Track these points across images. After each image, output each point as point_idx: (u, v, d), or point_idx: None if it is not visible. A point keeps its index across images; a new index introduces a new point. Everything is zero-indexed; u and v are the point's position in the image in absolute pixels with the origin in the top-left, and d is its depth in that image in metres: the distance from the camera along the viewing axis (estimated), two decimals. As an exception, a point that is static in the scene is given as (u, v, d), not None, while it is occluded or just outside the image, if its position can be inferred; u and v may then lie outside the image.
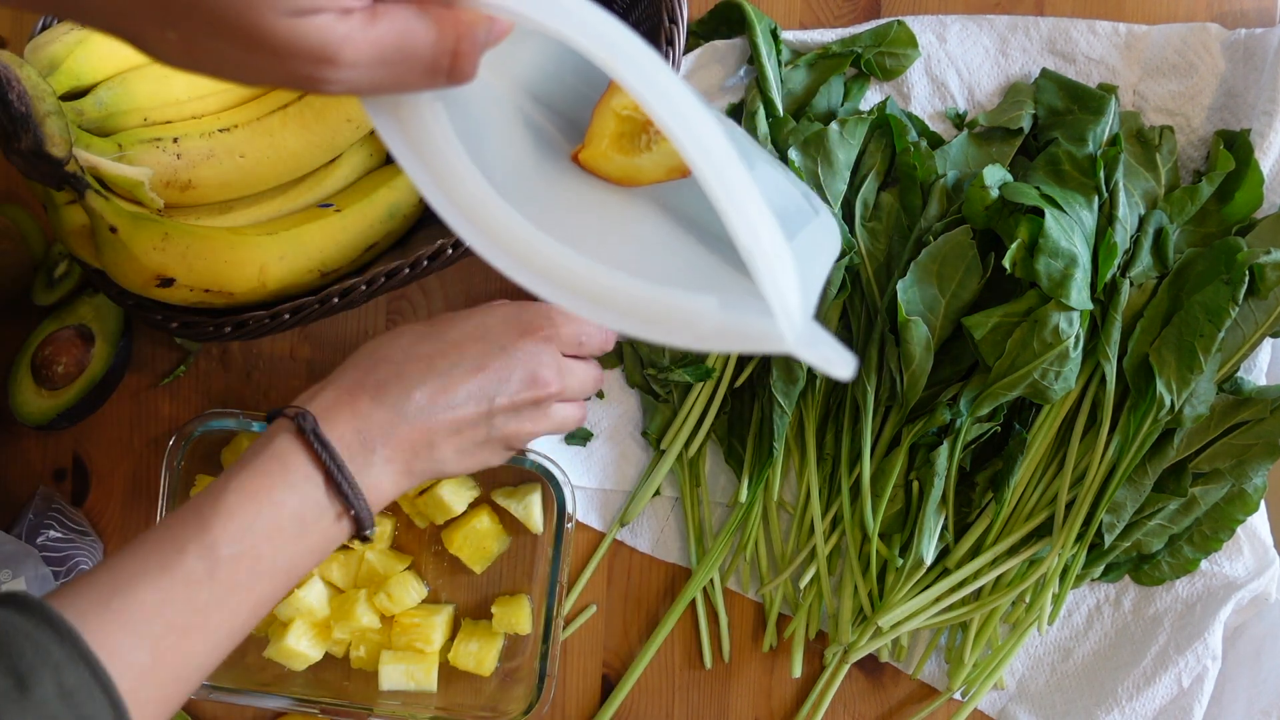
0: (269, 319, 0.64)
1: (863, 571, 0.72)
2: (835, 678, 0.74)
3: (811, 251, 0.49)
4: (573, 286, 0.41)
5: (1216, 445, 0.70)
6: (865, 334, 0.71)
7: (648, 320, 0.40)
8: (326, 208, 0.67)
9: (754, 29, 0.73)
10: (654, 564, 0.76)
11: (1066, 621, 0.75)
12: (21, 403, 0.72)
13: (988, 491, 0.71)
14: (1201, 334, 0.67)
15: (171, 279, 0.61)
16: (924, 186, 0.71)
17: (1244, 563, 0.74)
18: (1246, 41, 0.74)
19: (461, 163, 0.41)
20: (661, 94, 0.36)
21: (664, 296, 0.40)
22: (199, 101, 0.64)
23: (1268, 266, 0.67)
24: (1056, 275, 0.65)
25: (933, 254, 0.68)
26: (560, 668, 0.76)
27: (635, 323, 0.41)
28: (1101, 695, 0.73)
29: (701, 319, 0.40)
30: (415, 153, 0.41)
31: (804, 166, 0.70)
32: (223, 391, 0.76)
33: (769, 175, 0.55)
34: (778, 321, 0.38)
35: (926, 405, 0.70)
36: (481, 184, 0.41)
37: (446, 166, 0.41)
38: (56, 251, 0.75)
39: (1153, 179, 0.72)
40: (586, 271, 0.41)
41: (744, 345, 0.40)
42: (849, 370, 0.38)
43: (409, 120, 0.41)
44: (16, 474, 0.76)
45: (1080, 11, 0.77)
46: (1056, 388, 0.67)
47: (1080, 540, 0.70)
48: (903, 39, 0.75)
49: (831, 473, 0.73)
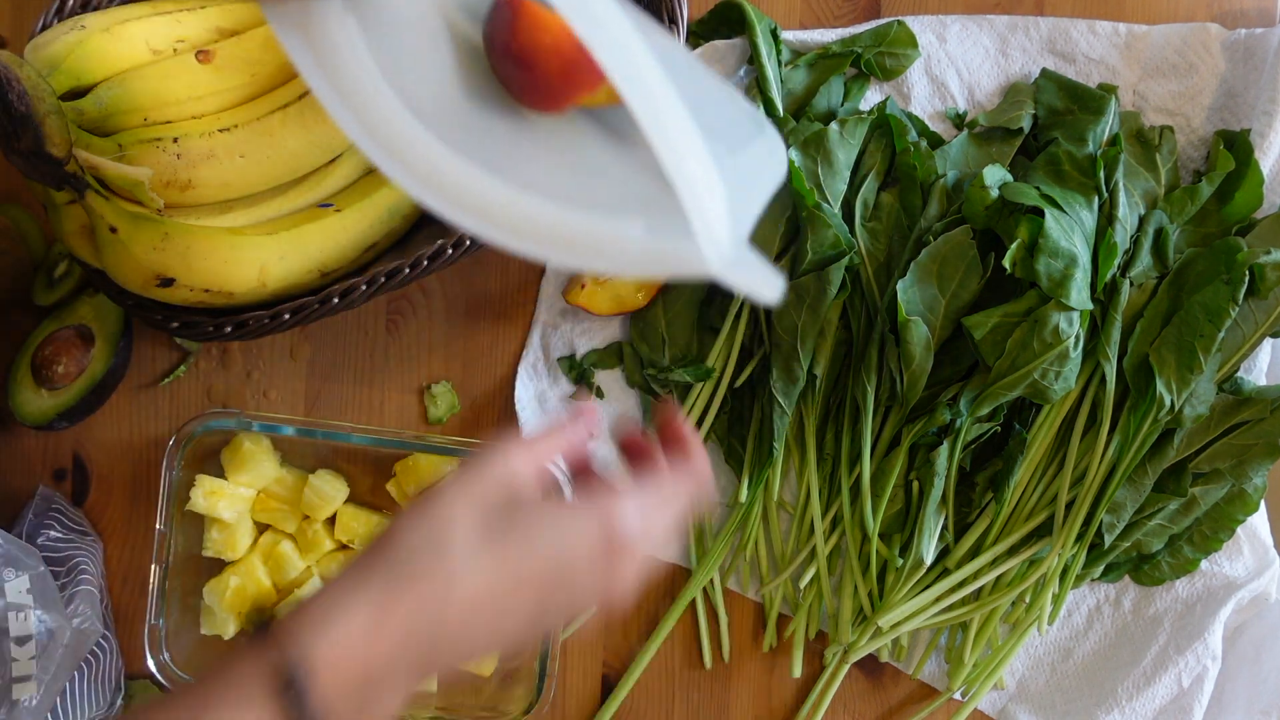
0: (269, 319, 0.64)
1: (863, 571, 0.72)
2: (835, 678, 0.74)
3: (748, 173, 0.46)
4: (487, 212, 0.39)
5: (1216, 445, 0.70)
6: (865, 334, 0.71)
7: (570, 247, 0.39)
8: (326, 208, 0.67)
9: (754, 29, 0.73)
10: (654, 564, 0.76)
11: (1066, 621, 0.75)
12: (21, 403, 0.72)
13: (988, 491, 0.71)
14: (1201, 334, 0.67)
15: (171, 279, 0.61)
16: (924, 186, 0.71)
17: (1244, 563, 0.74)
18: (1246, 41, 0.74)
19: (370, 78, 0.39)
20: (584, 12, 0.35)
21: (585, 222, 0.39)
22: (199, 101, 0.64)
23: (1268, 266, 0.67)
24: (1056, 275, 0.65)
25: (933, 254, 0.68)
26: (560, 668, 0.76)
27: (556, 249, 0.39)
28: (1101, 695, 0.73)
29: (625, 244, 0.39)
30: (320, 67, 0.39)
31: (804, 166, 0.70)
32: (223, 391, 0.76)
33: (708, 93, 0.52)
34: (701, 245, 0.37)
35: (926, 405, 0.70)
36: (391, 102, 0.39)
37: (353, 81, 0.39)
38: (56, 251, 0.75)
39: (1153, 179, 0.72)
40: (503, 197, 0.39)
41: (668, 269, 0.38)
42: (775, 293, 0.37)
43: (315, 32, 0.39)
44: (16, 474, 0.76)
45: (1080, 11, 0.77)
46: (1056, 388, 0.67)
47: (1080, 540, 0.70)
48: (902, 39, 0.75)
49: (831, 473, 0.73)
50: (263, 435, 0.72)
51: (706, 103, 0.48)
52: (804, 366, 0.70)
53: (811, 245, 0.69)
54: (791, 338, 0.70)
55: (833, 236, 0.69)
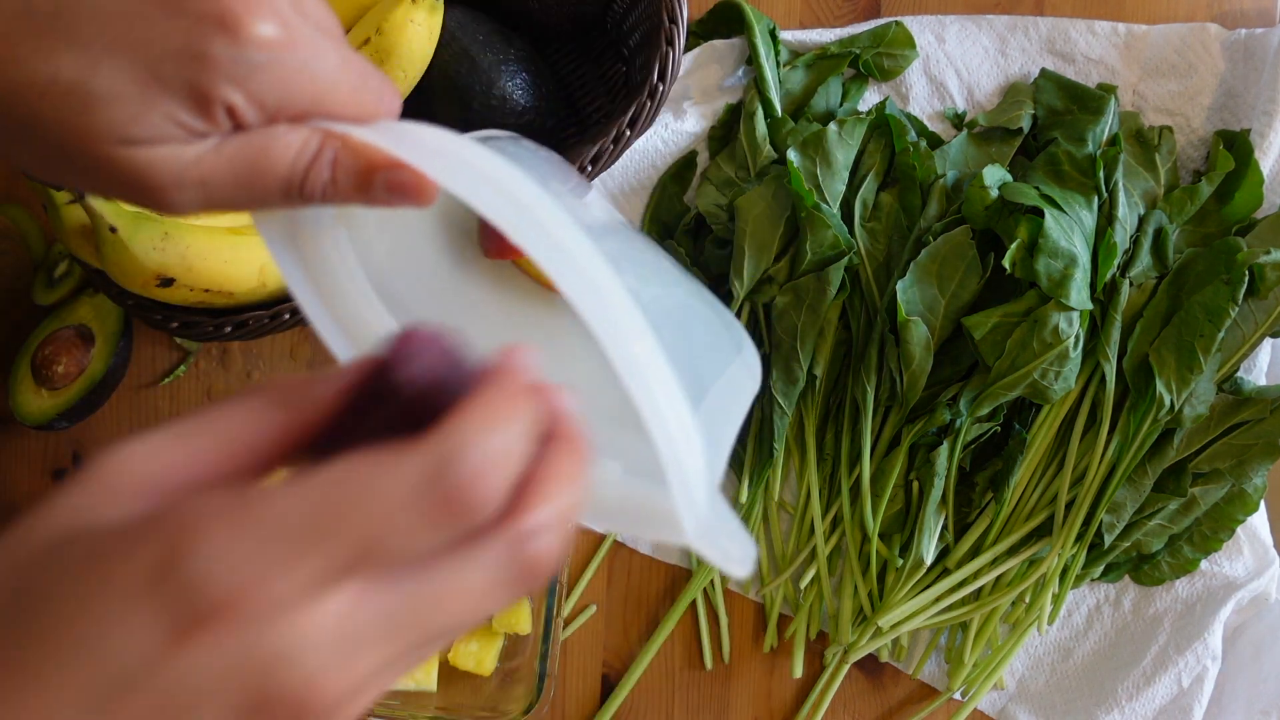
0: (269, 319, 0.64)
1: (863, 572, 0.72)
2: (835, 678, 0.74)
3: (725, 407, 0.42)
4: None
5: (1216, 445, 0.70)
6: (865, 334, 0.71)
7: None
8: (326, 208, 0.67)
9: (752, 29, 0.73)
10: (654, 564, 0.76)
11: (1066, 621, 0.75)
12: (21, 403, 0.72)
13: (988, 491, 0.71)
14: (1201, 334, 0.67)
15: (171, 279, 0.61)
16: (923, 187, 0.71)
17: (1244, 563, 0.74)
18: (1246, 41, 0.74)
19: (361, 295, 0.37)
20: (553, 253, 0.30)
21: None
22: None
23: (1268, 266, 0.67)
24: (1056, 275, 0.65)
25: (932, 254, 0.68)
26: (560, 668, 0.75)
27: None
28: (1101, 695, 0.73)
29: (603, 489, 0.34)
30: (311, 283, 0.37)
31: (803, 167, 0.70)
32: (223, 391, 0.76)
33: (690, 313, 0.47)
34: (679, 513, 0.32)
35: (926, 405, 0.70)
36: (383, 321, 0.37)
37: (344, 300, 0.37)
38: (56, 251, 0.75)
39: (1152, 179, 0.72)
40: None
41: (641, 529, 0.34)
42: (745, 570, 0.33)
43: (307, 247, 0.37)
44: (16, 474, 0.76)
45: (1080, 11, 0.77)
46: (1056, 388, 0.67)
47: (1080, 540, 0.70)
48: (901, 39, 0.75)
49: (831, 473, 0.73)
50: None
51: (689, 327, 0.45)
52: (804, 367, 0.70)
53: (811, 245, 0.69)
54: (791, 338, 0.70)
55: (832, 237, 0.69)
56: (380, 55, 0.62)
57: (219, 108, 0.32)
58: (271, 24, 0.32)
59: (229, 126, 0.33)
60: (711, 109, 0.76)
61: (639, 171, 0.75)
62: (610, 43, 0.75)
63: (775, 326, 0.70)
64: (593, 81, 0.76)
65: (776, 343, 0.70)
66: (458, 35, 0.67)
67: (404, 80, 0.63)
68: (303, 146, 0.34)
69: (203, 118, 0.32)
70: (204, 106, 0.32)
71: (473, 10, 0.68)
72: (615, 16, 0.73)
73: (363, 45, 0.62)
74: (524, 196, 0.31)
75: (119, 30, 0.31)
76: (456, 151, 0.32)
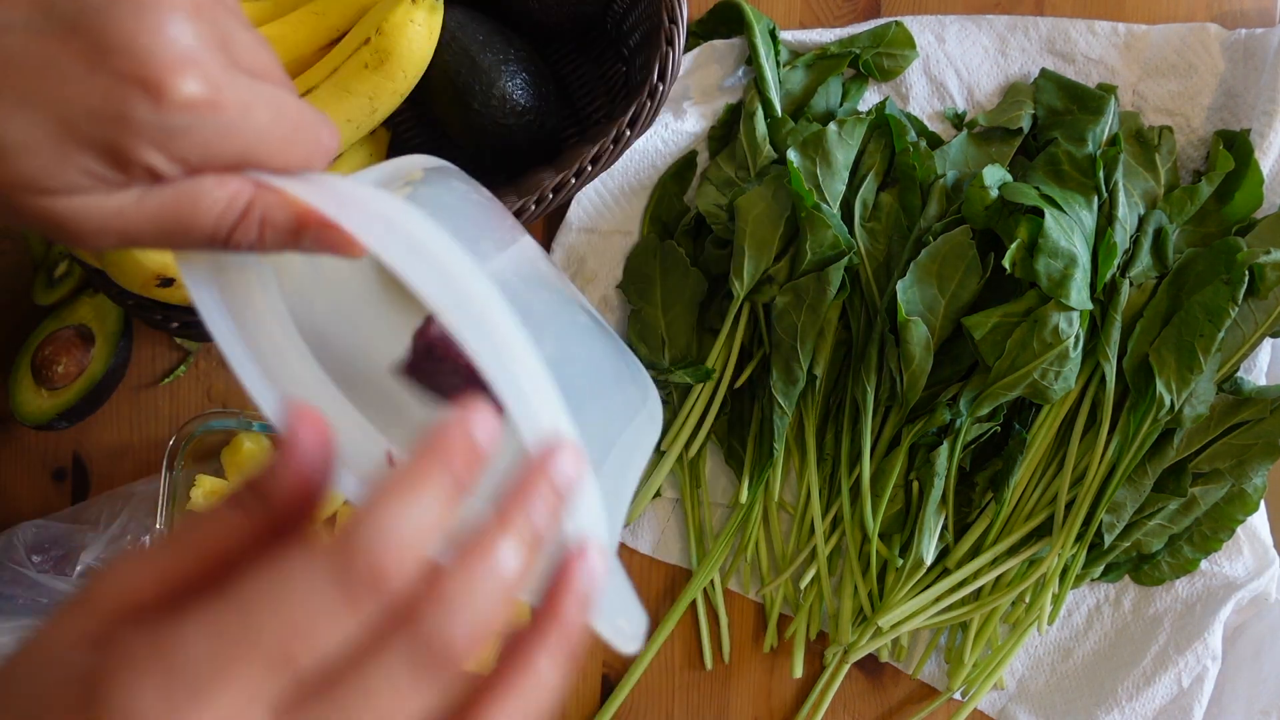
0: (269, 319, 0.64)
1: (863, 572, 0.72)
2: (835, 678, 0.74)
3: (626, 460, 0.42)
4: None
5: (1216, 445, 0.70)
6: (865, 334, 0.71)
7: None
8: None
9: (752, 29, 0.73)
10: (654, 565, 0.76)
11: (1066, 621, 0.75)
12: (21, 403, 0.72)
13: (988, 491, 0.71)
14: (1201, 334, 0.67)
15: (171, 279, 0.61)
16: (923, 187, 0.71)
17: (1244, 563, 0.74)
18: (1246, 41, 0.74)
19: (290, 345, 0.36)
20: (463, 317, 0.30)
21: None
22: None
23: (1268, 266, 0.67)
24: (1056, 275, 0.65)
25: (932, 254, 0.68)
26: (560, 668, 0.75)
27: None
28: (1101, 695, 0.73)
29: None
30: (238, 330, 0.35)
31: (803, 167, 0.70)
32: (223, 391, 0.76)
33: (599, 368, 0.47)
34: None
35: (926, 405, 0.70)
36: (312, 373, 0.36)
37: (270, 346, 0.36)
38: (56, 251, 0.75)
39: (1152, 179, 0.72)
40: None
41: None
42: (635, 646, 0.33)
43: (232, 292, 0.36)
44: (16, 474, 0.76)
45: (1080, 11, 0.77)
46: (1056, 388, 0.67)
47: (1080, 540, 0.70)
48: (900, 40, 0.75)
49: (831, 473, 0.73)
50: (263, 435, 0.72)
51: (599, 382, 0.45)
52: (804, 367, 0.70)
53: (811, 246, 0.69)
54: (791, 338, 0.70)
55: (832, 237, 0.69)
56: (380, 55, 0.61)
57: (138, 168, 0.32)
58: (196, 84, 0.31)
59: (150, 181, 0.33)
60: (711, 109, 0.76)
61: (639, 171, 0.75)
62: (610, 43, 0.75)
63: (775, 326, 0.70)
64: (593, 81, 0.76)
65: (776, 343, 0.70)
66: (458, 35, 0.67)
67: (404, 80, 0.63)
68: (230, 203, 0.34)
69: (121, 173, 0.32)
70: (122, 165, 0.32)
71: (473, 10, 0.68)
72: (615, 16, 0.73)
73: (363, 45, 0.62)
74: (438, 256, 0.31)
75: (35, 84, 0.31)
76: (376, 207, 0.32)
